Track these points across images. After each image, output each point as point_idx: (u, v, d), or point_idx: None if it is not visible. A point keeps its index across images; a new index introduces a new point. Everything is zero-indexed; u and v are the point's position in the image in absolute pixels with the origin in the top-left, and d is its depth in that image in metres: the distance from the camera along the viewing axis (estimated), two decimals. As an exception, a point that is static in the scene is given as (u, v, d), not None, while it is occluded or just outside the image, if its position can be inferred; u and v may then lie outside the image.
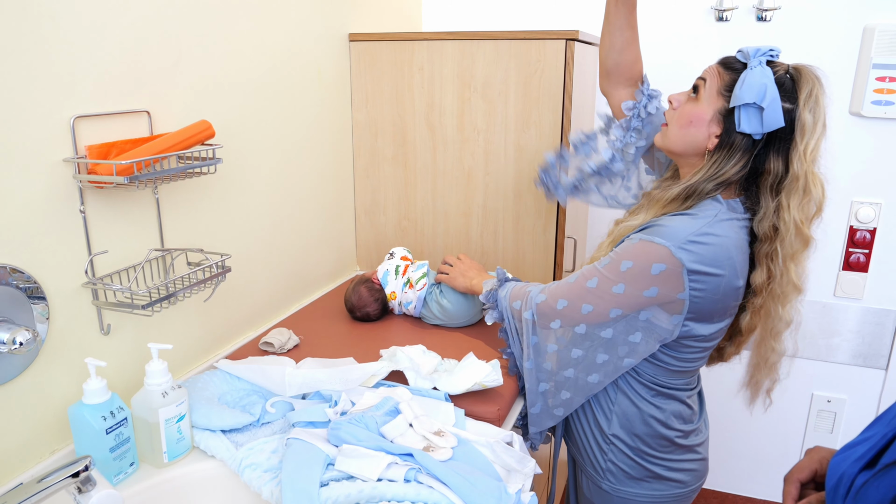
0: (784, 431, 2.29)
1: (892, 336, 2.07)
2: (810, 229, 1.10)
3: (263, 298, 1.58)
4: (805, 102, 1.05)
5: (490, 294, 1.35)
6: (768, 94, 1.03)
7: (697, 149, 1.14)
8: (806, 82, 1.06)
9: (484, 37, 1.71)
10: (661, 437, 1.24)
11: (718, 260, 1.07)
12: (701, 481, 1.32)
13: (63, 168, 1.02)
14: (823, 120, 1.06)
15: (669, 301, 1.09)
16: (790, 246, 1.10)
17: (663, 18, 2.05)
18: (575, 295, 1.16)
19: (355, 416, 1.08)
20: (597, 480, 1.31)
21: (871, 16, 1.87)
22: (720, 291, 1.09)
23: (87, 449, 0.99)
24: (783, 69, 1.08)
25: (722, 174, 1.10)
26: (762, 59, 1.06)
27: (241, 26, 1.38)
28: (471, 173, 1.83)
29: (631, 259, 1.09)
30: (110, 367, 1.15)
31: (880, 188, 1.99)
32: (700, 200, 1.13)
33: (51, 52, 0.98)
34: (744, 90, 1.05)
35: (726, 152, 1.09)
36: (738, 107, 1.06)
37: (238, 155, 1.43)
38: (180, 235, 1.29)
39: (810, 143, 1.05)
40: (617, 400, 1.24)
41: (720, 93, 1.10)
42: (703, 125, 1.11)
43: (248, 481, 1.03)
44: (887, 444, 0.63)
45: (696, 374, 1.28)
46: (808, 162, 1.05)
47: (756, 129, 1.06)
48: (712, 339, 1.18)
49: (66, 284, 1.06)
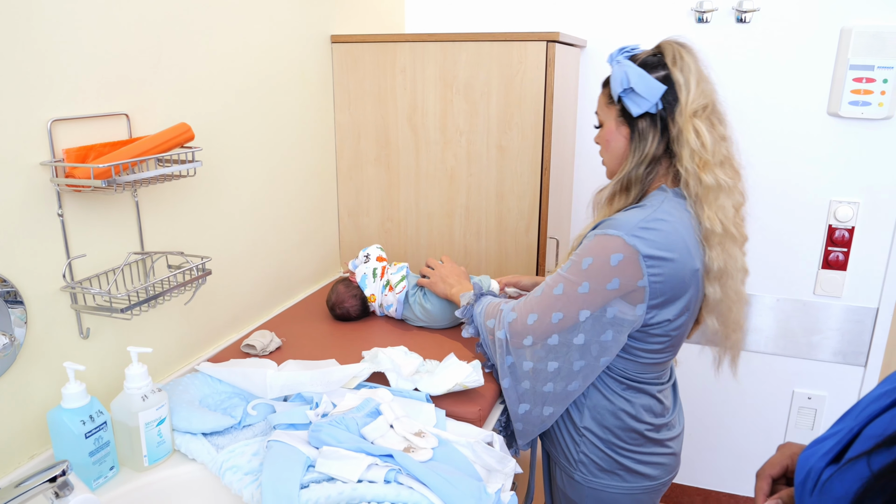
0: (766, 428, 2.31)
1: (870, 333, 2.10)
2: (714, 177, 1.15)
3: (246, 301, 1.58)
4: (672, 64, 1.16)
5: (466, 309, 1.38)
6: (631, 76, 1.15)
7: (625, 155, 1.23)
8: (668, 50, 1.18)
9: (466, 38, 1.72)
10: (631, 430, 1.26)
11: (672, 244, 1.12)
12: (671, 475, 1.34)
13: (40, 171, 1.02)
14: (697, 75, 1.15)
15: (631, 290, 1.13)
16: (698, 195, 1.16)
17: (643, 20, 2.07)
18: (544, 306, 1.19)
19: (336, 418, 1.08)
20: (569, 471, 1.33)
21: (848, 17, 1.90)
22: (678, 275, 1.14)
23: (66, 453, 0.98)
24: (647, 52, 1.20)
25: (644, 154, 1.19)
26: (618, 58, 1.19)
27: (222, 28, 1.38)
28: (453, 174, 1.83)
29: (590, 255, 1.14)
30: (90, 371, 1.15)
31: (858, 188, 2.01)
32: (642, 188, 1.21)
33: (27, 55, 0.98)
34: (614, 85, 1.18)
35: (639, 138, 1.19)
36: (620, 99, 1.18)
37: (219, 157, 1.42)
38: (161, 238, 1.29)
39: (689, 97, 1.14)
40: (588, 393, 1.27)
41: (608, 104, 1.23)
42: (614, 134, 1.23)
43: (229, 484, 1.03)
44: (853, 437, 0.65)
45: (666, 367, 1.30)
46: (688, 114, 1.14)
47: (644, 106, 1.15)
48: (678, 328, 1.20)
49: (45, 288, 1.05)
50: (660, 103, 1.15)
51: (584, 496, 1.32)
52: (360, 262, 1.63)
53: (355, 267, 1.63)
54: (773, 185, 2.08)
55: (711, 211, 1.15)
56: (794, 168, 2.05)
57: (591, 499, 1.31)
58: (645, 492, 1.30)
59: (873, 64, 1.88)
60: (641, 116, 1.17)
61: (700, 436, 2.39)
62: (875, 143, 1.96)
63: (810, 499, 0.66)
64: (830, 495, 0.61)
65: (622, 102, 1.18)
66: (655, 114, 1.17)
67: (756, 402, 2.30)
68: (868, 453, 0.58)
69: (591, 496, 1.31)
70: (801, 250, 2.11)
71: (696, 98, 1.14)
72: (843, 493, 0.59)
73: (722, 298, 1.20)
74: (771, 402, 2.28)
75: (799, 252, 2.12)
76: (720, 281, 1.19)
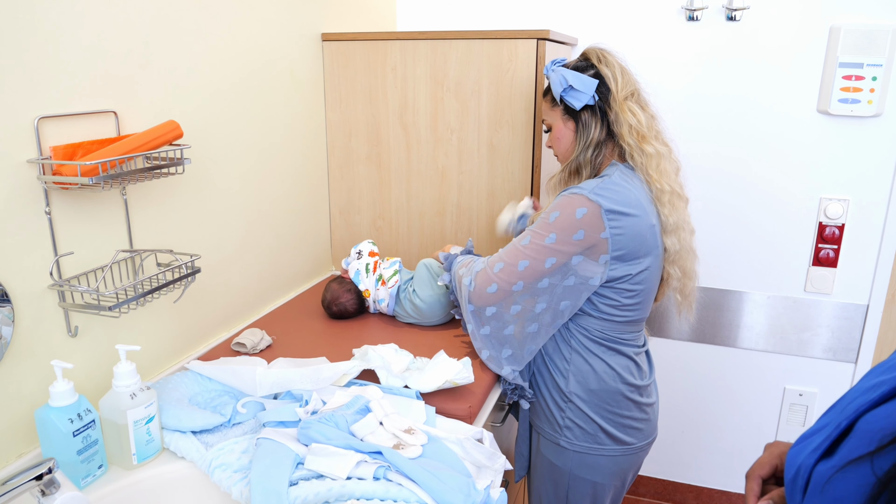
0: (757, 425, 2.32)
1: (861, 330, 2.11)
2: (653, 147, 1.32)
3: (236, 299, 1.58)
4: (598, 63, 1.35)
5: (449, 257, 1.53)
6: (568, 77, 1.33)
7: (574, 145, 1.40)
8: (592, 54, 1.37)
9: (456, 36, 1.72)
10: (614, 392, 1.37)
11: (629, 202, 1.27)
12: (648, 440, 1.45)
13: (27, 169, 1.02)
14: (620, 69, 1.34)
15: (594, 243, 1.26)
16: (643, 163, 1.32)
17: (634, 18, 2.07)
18: (511, 256, 1.31)
19: (325, 415, 1.08)
20: (555, 438, 1.42)
21: (837, 16, 1.91)
22: (637, 228, 1.27)
23: (54, 452, 0.98)
24: (575, 59, 1.40)
25: (589, 140, 1.36)
26: (553, 68, 1.37)
27: (211, 26, 1.38)
28: (444, 172, 1.83)
29: (557, 210, 1.28)
30: (78, 369, 1.14)
31: (848, 185, 2.02)
32: (592, 169, 1.37)
33: (14, 52, 0.97)
34: (555, 88, 1.35)
35: (583, 127, 1.36)
36: (562, 98, 1.35)
37: (209, 155, 1.42)
38: (150, 236, 1.28)
39: (618, 86, 1.33)
40: (571, 359, 1.38)
41: (553, 108, 1.40)
42: (563, 131, 1.40)
43: (218, 482, 1.03)
44: (842, 432, 0.64)
45: (639, 327, 1.41)
46: (620, 99, 1.32)
47: (583, 99, 1.33)
48: (641, 282, 1.32)
49: (32, 286, 1.05)
50: (595, 95, 1.33)
51: (569, 459, 1.42)
52: (352, 259, 1.63)
53: (348, 264, 1.63)
54: (763, 182, 2.08)
55: (657, 174, 1.32)
56: (785, 165, 2.06)
57: (574, 461, 1.41)
58: (623, 454, 1.41)
59: (862, 62, 1.89)
60: (583, 109, 1.34)
61: (692, 433, 2.40)
62: (865, 141, 1.97)
63: (802, 496, 0.65)
64: (832, 496, 0.60)
65: (564, 101, 1.35)
66: (594, 105, 1.34)
67: (747, 399, 2.31)
68: (871, 455, 0.57)
69: (576, 459, 1.41)
70: (791, 247, 2.12)
71: (623, 86, 1.33)
72: (845, 493, 0.58)
73: (680, 250, 1.37)
74: (762, 399, 2.29)
75: (789, 249, 2.12)
76: (676, 234, 1.35)
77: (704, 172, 2.13)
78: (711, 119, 2.08)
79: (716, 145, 2.10)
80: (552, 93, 1.38)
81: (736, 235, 2.16)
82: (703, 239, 2.18)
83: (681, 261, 1.39)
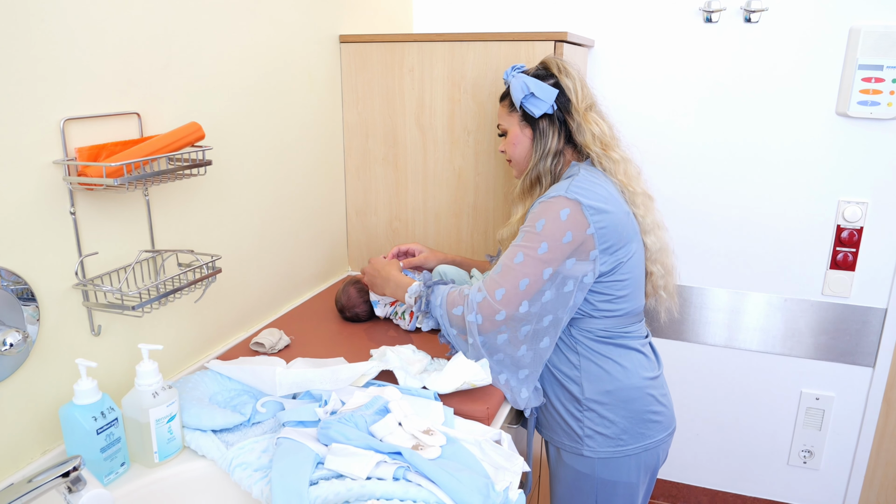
0: (773, 429, 2.31)
1: (878, 334, 2.09)
2: (618, 153, 1.36)
3: (254, 299, 1.59)
4: (559, 73, 1.37)
5: (419, 303, 1.38)
6: (530, 84, 1.34)
7: (530, 153, 1.41)
8: (552, 64, 1.39)
9: (474, 38, 1.73)
10: (630, 388, 1.36)
11: (604, 196, 1.29)
12: (668, 431, 1.44)
13: (53, 170, 1.03)
14: (580, 82, 1.37)
15: (583, 241, 1.26)
16: (610, 169, 1.35)
17: (651, 20, 2.07)
18: (509, 277, 1.27)
19: (345, 416, 1.08)
20: (577, 450, 1.40)
21: (856, 17, 1.89)
22: (618, 222, 1.29)
23: (77, 449, 0.99)
24: (535, 67, 1.41)
25: (548, 149, 1.37)
26: (514, 74, 1.38)
27: (231, 28, 1.39)
28: (461, 174, 1.84)
29: (542, 217, 1.27)
30: (101, 367, 1.16)
31: (866, 188, 2.01)
32: (552, 177, 1.38)
33: (40, 55, 0.99)
34: (516, 94, 1.35)
35: (541, 136, 1.37)
36: (522, 105, 1.35)
37: (229, 156, 1.43)
38: (171, 236, 1.30)
39: (579, 97, 1.35)
40: (581, 365, 1.37)
41: (510, 113, 1.41)
42: (520, 137, 1.40)
43: (239, 480, 1.04)
44: None
45: (639, 317, 1.42)
46: (582, 110, 1.35)
47: (543, 107, 1.34)
48: (630, 270, 1.34)
49: (57, 286, 1.06)
50: (555, 105, 1.34)
51: (594, 466, 1.40)
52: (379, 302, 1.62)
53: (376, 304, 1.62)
54: (781, 184, 2.07)
55: (626, 178, 1.35)
56: (802, 168, 2.04)
57: (599, 467, 1.40)
58: (647, 450, 1.40)
59: (882, 64, 1.87)
60: (542, 117, 1.36)
61: (707, 436, 2.39)
62: (884, 143, 1.96)
63: None
64: None
65: (523, 108, 1.36)
66: (552, 114, 1.36)
67: (763, 403, 2.30)
68: None
69: (602, 465, 1.39)
70: (809, 250, 2.11)
71: (584, 98, 1.36)
72: None
73: (660, 247, 1.42)
74: (778, 403, 2.27)
75: (807, 252, 2.11)
76: (654, 233, 1.40)
77: (721, 174, 2.12)
78: (729, 120, 2.07)
79: (733, 147, 2.09)
80: (511, 98, 1.38)
81: (753, 238, 2.15)
82: (720, 241, 2.18)
83: (662, 258, 1.44)
